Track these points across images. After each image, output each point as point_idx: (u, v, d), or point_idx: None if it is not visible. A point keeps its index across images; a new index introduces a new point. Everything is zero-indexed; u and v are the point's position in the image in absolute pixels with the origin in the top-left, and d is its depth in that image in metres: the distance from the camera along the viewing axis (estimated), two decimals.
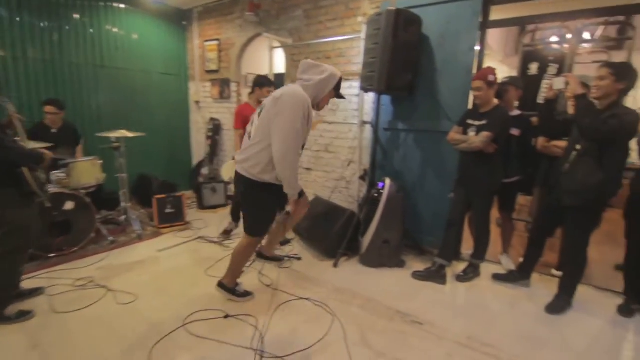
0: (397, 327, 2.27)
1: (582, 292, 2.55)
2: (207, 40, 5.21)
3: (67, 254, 3.10)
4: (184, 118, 5.62)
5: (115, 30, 4.57)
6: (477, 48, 3.03)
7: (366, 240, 3.10)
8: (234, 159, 3.43)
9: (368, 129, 3.59)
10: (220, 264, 3.07)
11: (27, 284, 2.53)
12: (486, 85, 2.61)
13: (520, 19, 3.51)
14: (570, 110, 2.35)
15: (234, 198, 3.71)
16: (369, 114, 3.61)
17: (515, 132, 2.82)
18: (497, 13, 3.08)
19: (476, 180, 2.74)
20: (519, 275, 2.81)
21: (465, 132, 2.75)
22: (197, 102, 5.54)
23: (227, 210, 4.72)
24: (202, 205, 4.67)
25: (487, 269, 3.03)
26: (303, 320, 2.29)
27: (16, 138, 2.20)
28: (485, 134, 2.55)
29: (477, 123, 2.68)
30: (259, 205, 2.29)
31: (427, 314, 2.41)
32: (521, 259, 2.83)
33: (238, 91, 5.06)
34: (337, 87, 2.19)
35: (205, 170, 5.15)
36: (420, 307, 2.49)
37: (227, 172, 3.51)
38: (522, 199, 3.56)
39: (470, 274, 2.92)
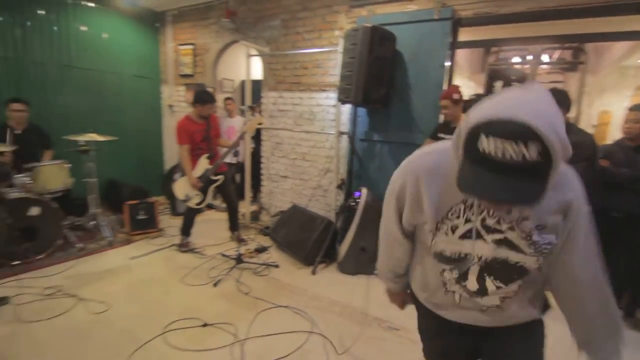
0: (374, 333, 2.36)
1: None
2: (181, 44, 5.14)
3: (33, 261, 2.95)
4: (156, 122, 5.48)
5: (83, 29, 4.40)
6: (448, 64, 3.22)
7: (343, 248, 3.18)
8: (182, 175, 3.36)
9: (345, 139, 3.69)
10: (195, 271, 3.03)
11: None
12: (452, 103, 2.77)
13: (486, 42, 3.78)
14: None
15: (185, 214, 3.57)
16: (345, 125, 3.71)
17: None
18: (465, 34, 3.29)
19: None
20: None
21: None
22: (170, 106, 5.43)
23: (201, 217, 4.65)
24: (175, 212, 4.57)
25: None
26: (282, 328, 2.32)
27: None
28: None
29: (448, 137, 2.82)
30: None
31: (401, 320, 2.49)
32: None
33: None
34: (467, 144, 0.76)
35: (177, 177, 5.01)
36: (395, 314, 2.55)
37: (180, 190, 3.35)
38: None
39: None
